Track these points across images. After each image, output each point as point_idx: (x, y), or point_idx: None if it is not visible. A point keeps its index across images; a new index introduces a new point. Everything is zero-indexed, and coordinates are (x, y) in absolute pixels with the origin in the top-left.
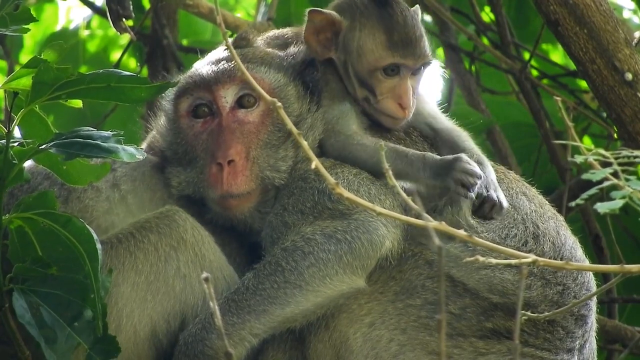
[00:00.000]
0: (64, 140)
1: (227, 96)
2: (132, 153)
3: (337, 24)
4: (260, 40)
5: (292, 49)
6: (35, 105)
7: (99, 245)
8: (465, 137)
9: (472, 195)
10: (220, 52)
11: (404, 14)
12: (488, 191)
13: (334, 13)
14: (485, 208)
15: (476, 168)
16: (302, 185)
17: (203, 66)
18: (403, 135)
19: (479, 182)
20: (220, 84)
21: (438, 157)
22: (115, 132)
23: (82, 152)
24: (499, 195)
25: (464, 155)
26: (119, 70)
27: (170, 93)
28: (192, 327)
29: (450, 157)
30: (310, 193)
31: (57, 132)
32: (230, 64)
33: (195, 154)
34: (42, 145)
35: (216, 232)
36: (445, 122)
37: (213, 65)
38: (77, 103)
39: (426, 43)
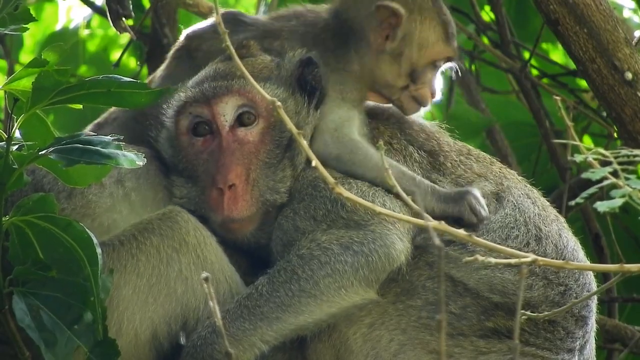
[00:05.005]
0: (64, 145)
1: (226, 113)
2: (132, 159)
3: (399, 16)
4: (257, 45)
5: (290, 54)
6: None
7: (99, 250)
8: None
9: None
10: (217, 64)
11: (446, 7)
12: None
13: (397, 5)
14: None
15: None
16: (313, 193)
17: (200, 80)
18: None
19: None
20: (219, 97)
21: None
22: (115, 137)
23: (82, 159)
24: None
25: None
26: (119, 76)
27: (169, 110)
28: (201, 330)
29: (462, 189)
30: (321, 202)
31: (57, 135)
32: (229, 81)
33: (197, 172)
34: (42, 151)
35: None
36: None
37: (211, 80)
38: (77, 105)
39: None
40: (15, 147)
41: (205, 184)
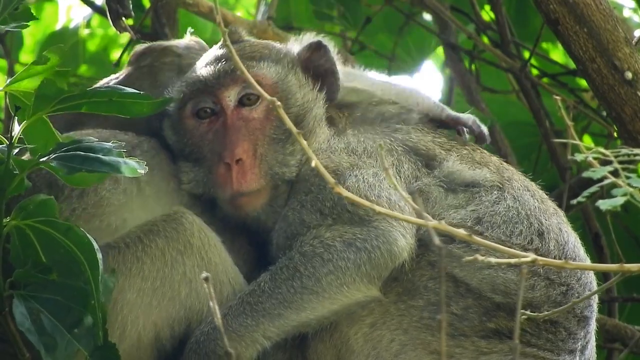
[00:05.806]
0: (65, 152)
1: (230, 94)
2: (134, 167)
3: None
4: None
5: (292, 38)
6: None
7: (99, 255)
8: None
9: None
10: (217, 50)
11: None
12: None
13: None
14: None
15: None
16: (320, 183)
17: (203, 69)
18: None
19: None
20: (224, 87)
21: None
22: (117, 144)
23: (83, 167)
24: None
25: None
26: (122, 87)
27: (172, 97)
28: (204, 326)
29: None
30: (329, 192)
31: (59, 138)
32: (230, 64)
33: (203, 154)
34: (43, 158)
35: (225, 226)
36: None
37: (213, 68)
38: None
39: None
40: (16, 150)
41: (212, 162)
